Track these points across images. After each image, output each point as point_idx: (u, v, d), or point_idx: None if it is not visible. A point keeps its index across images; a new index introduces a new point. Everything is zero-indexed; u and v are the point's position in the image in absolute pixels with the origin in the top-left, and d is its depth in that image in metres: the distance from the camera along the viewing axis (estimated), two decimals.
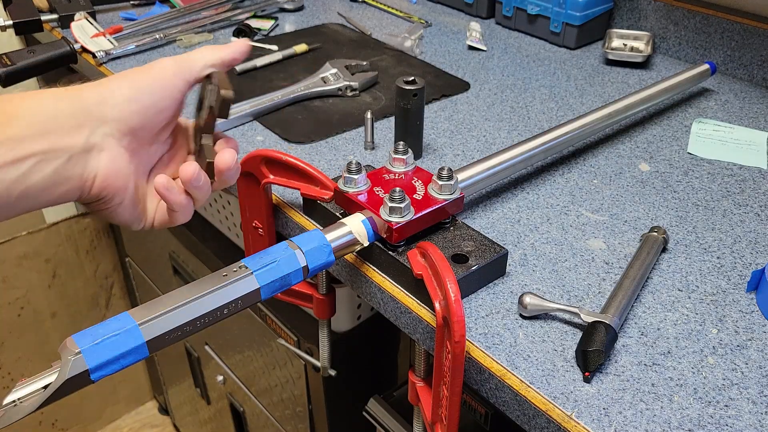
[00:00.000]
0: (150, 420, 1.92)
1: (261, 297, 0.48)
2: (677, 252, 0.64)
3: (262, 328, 1.03)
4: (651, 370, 0.51)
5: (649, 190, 0.74)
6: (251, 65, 1.00)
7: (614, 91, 0.96)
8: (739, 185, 0.75)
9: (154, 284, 1.47)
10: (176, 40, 1.09)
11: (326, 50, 1.08)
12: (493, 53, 1.09)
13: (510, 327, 0.55)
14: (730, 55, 1.01)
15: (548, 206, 0.70)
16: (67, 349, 0.41)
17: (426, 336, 0.56)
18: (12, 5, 1.10)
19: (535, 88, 0.97)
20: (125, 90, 0.46)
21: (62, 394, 0.40)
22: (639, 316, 0.56)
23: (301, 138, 0.82)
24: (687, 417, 0.47)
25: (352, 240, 0.56)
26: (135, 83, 0.47)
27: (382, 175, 0.63)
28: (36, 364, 1.64)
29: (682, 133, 0.86)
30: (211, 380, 1.34)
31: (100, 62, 1.00)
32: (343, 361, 0.92)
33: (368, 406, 0.90)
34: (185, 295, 0.45)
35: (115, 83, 0.46)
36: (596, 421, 0.47)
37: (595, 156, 0.81)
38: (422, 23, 1.19)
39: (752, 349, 0.53)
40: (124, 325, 0.42)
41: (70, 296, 1.65)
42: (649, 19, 1.09)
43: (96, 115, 0.44)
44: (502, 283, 0.59)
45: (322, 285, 0.75)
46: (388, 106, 0.90)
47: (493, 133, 0.84)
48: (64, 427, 1.78)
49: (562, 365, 0.51)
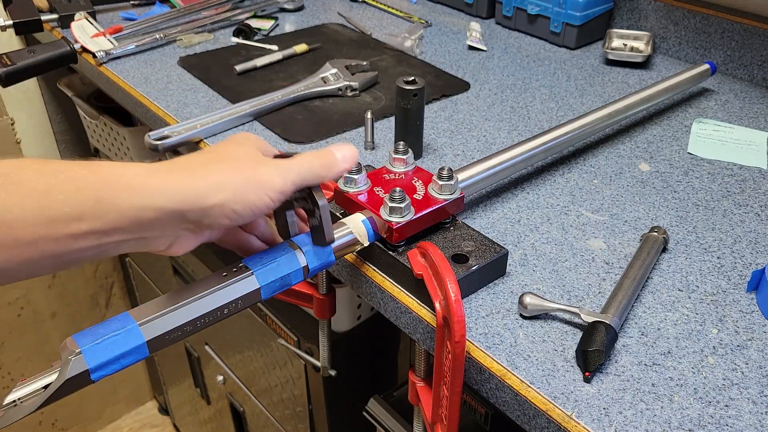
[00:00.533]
0: (150, 420, 1.92)
1: (261, 297, 0.48)
2: (677, 252, 0.64)
3: (262, 328, 1.03)
4: (651, 370, 0.51)
5: (649, 190, 0.74)
6: (251, 65, 1.00)
7: (614, 91, 0.96)
8: (739, 185, 0.75)
9: (154, 284, 1.47)
10: (176, 40, 1.09)
11: (326, 50, 1.08)
12: (493, 53, 1.09)
13: (510, 327, 0.55)
14: (730, 55, 1.01)
15: (548, 206, 0.70)
16: (68, 349, 0.41)
17: (426, 336, 0.56)
18: (12, 5, 1.10)
19: (535, 88, 0.97)
20: (227, 209, 0.43)
21: (62, 394, 0.40)
22: (639, 316, 0.56)
23: (301, 138, 0.82)
24: (687, 417, 0.47)
25: (353, 240, 0.56)
26: (238, 196, 0.43)
27: (382, 175, 0.63)
28: (36, 364, 1.64)
29: (682, 133, 0.86)
30: (211, 380, 1.34)
31: (100, 62, 1.00)
32: (343, 361, 0.92)
33: (368, 406, 0.90)
34: (185, 295, 0.45)
35: (221, 194, 0.42)
36: (596, 421, 0.47)
37: (595, 156, 0.81)
38: (422, 23, 1.19)
39: (752, 349, 0.53)
40: (124, 325, 0.42)
41: (70, 296, 1.65)
42: (649, 19, 1.09)
43: (191, 220, 0.43)
44: (502, 283, 0.59)
45: (322, 285, 0.75)
46: (388, 106, 0.90)
47: (493, 133, 0.84)
48: (64, 427, 1.78)
49: (562, 365, 0.51)
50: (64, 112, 1.50)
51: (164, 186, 0.41)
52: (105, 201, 0.39)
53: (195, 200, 0.42)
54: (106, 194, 0.39)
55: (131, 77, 0.97)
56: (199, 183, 0.42)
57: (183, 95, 0.93)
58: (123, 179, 0.40)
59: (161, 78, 0.97)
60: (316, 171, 0.48)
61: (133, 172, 0.41)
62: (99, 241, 0.39)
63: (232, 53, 1.06)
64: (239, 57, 1.04)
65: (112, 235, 0.40)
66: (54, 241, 0.38)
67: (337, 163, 0.49)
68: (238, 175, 0.44)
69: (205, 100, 0.92)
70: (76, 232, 0.38)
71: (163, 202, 0.40)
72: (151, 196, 0.40)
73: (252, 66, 1.00)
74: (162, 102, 0.90)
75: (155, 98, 0.91)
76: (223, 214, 0.43)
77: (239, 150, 0.46)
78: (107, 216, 0.39)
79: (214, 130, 0.83)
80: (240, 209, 0.43)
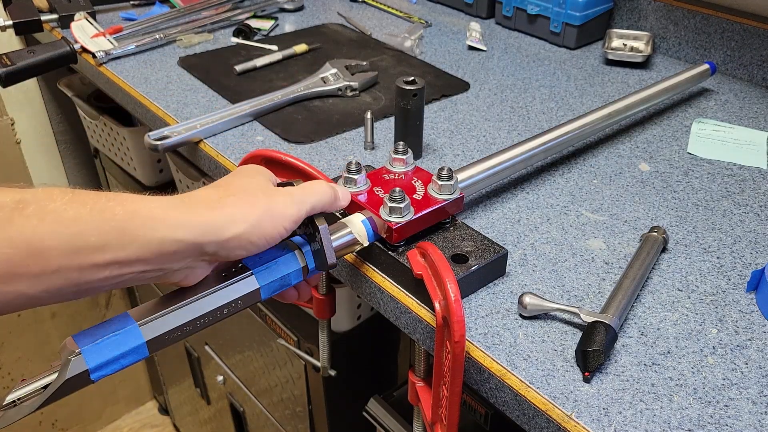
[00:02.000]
0: (150, 420, 1.92)
1: (261, 297, 0.48)
2: (677, 252, 0.64)
3: (262, 328, 1.03)
4: (651, 370, 0.51)
5: (649, 190, 0.74)
6: (251, 65, 1.00)
7: (614, 91, 0.96)
8: (739, 185, 0.75)
9: (154, 284, 1.47)
10: (176, 40, 1.09)
11: (326, 50, 1.08)
12: (493, 53, 1.09)
13: (510, 327, 0.55)
14: (730, 55, 1.01)
15: (548, 206, 0.70)
16: (67, 349, 0.41)
17: (426, 336, 0.56)
18: (12, 5, 1.10)
19: (535, 88, 0.97)
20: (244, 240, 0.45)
21: (62, 394, 0.40)
22: (639, 316, 0.56)
23: (301, 138, 0.82)
24: (687, 417, 0.47)
25: (352, 240, 0.56)
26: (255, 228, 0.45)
27: (382, 175, 0.63)
28: (36, 364, 1.64)
29: (682, 133, 0.86)
30: (211, 380, 1.34)
31: (100, 62, 1.00)
32: (343, 361, 0.92)
33: (368, 406, 0.90)
34: (185, 295, 0.45)
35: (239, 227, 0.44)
36: (596, 421, 0.47)
37: (595, 156, 0.81)
38: (422, 23, 1.19)
39: (752, 349, 0.53)
40: (124, 325, 0.42)
41: None
42: (649, 19, 1.09)
43: (209, 252, 0.44)
44: (502, 283, 0.59)
45: (322, 285, 0.75)
46: (388, 106, 0.90)
47: (493, 133, 0.84)
48: (64, 427, 1.78)
49: (562, 365, 0.51)
50: (64, 112, 1.50)
51: (185, 219, 0.43)
52: (129, 232, 0.40)
53: (214, 233, 0.43)
54: (130, 225, 0.40)
55: (131, 77, 0.97)
56: (216, 216, 0.44)
57: (183, 95, 0.93)
58: (146, 211, 0.41)
59: (161, 78, 0.97)
60: (324, 202, 0.51)
61: (156, 204, 0.42)
62: (121, 271, 0.41)
63: (232, 53, 1.06)
64: (239, 57, 1.04)
65: (134, 266, 0.41)
66: (78, 270, 0.39)
67: (339, 200, 0.54)
68: (255, 208, 0.46)
69: (205, 100, 0.92)
70: (100, 262, 0.39)
71: (183, 234, 0.42)
72: (172, 229, 0.42)
73: (252, 66, 1.00)
74: (162, 102, 0.90)
75: (155, 98, 0.91)
76: (239, 245, 0.45)
77: (252, 183, 0.49)
78: (131, 247, 0.40)
79: (213, 130, 0.83)
80: (256, 240, 0.46)
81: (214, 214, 0.44)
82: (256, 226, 0.45)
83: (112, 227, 0.40)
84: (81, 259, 0.39)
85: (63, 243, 0.38)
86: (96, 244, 0.39)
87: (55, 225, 0.38)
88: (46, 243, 0.37)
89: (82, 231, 0.39)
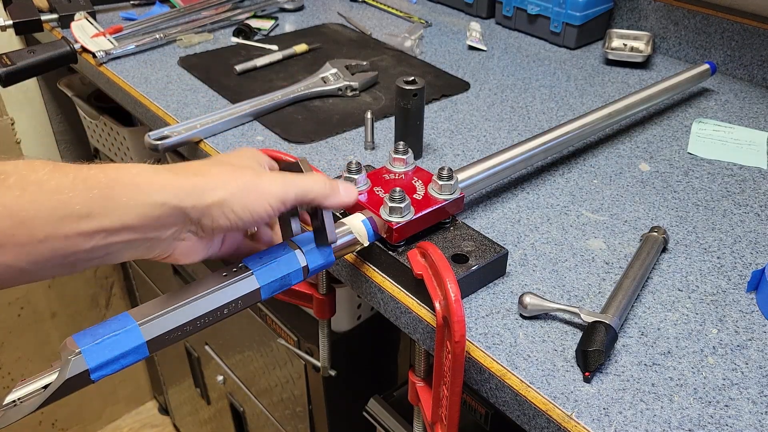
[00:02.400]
0: (150, 420, 1.92)
1: (261, 297, 0.48)
2: (677, 252, 0.64)
3: (262, 328, 1.03)
4: (651, 370, 0.51)
5: (649, 190, 0.74)
6: (251, 65, 1.00)
7: (614, 91, 0.96)
8: (739, 185, 0.75)
9: (154, 284, 1.47)
10: (176, 40, 1.09)
11: (326, 50, 1.08)
12: (493, 53, 1.09)
13: (510, 327, 0.55)
14: (730, 55, 1.01)
15: (548, 206, 0.70)
16: (67, 349, 0.41)
17: (426, 336, 0.56)
18: (12, 5, 1.10)
19: (535, 88, 0.97)
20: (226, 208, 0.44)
21: (62, 394, 0.40)
22: (639, 316, 0.56)
23: (301, 138, 0.82)
24: (687, 417, 0.47)
25: (352, 240, 0.56)
26: (237, 198, 0.45)
27: (382, 175, 0.63)
28: (36, 364, 1.64)
29: (682, 133, 0.86)
30: (211, 380, 1.34)
31: (100, 62, 1.00)
32: (343, 361, 0.92)
33: (368, 406, 0.90)
34: (185, 295, 0.45)
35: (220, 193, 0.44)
36: (596, 421, 0.47)
37: (595, 156, 0.81)
38: (422, 23, 1.19)
39: (752, 349, 0.53)
40: (124, 325, 0.42)
41: (70, 296, 1.65)
42: (649, 19, 1.09)
43: (193, 219, 0.44)
44: (502, 283, 0.59)
45: (322, 285, 0.75)
46: (388, 106, 0.90)
47: (493, 133, 0.84)
48: (64, 427, 1.78)
49: (562, 365, 0.51)
50: (64, 112, 1.50)
51: (167, 183, 0.43)
52: (113, 198, 0.40)
53: (196, 196, 0.43)
54: (114, 192, 0.40)
55: (131, 77, 0.97)
56: (199, 180, 0.44)
57: (183, 95, 0.93)
58: (129, 177, 0.41)
59: (161, 78, 0.97)
60: (318, 191, 0.49)
61: (138, 170, 0.42)
62: (107, 240, 0.41)
63: (232, 53, 1.06)
64: (239, 57, 1.04)
65: (120, 234, 0.41)
66: (65, 239, 0.39)
67: (340, 195, 0.51)
68: (238, 179, 0.46)
69: (205, 100, 0.92)
70: (86, 230, 0.39)
71: (165, 197, 0.42)
72: (155, 193, 0.42)
73: (252, 66, 1.00)
74: (162, 102, 0.90)
75: (155, 98, 0.91)
76: (222, 213, 0.44)
77: (241, 159, 0.49)
78: (115, 213, 0.40)
79: (214, 130, 0.83)
80: (239, 211, 0.45)
81: (196, 179, 0.44)
82: (238, 196, 0.45)
83: (96, 194, 0.40)
84: (66, 228, 0.39)
85: (47, 212, 0.38)
86: (81, 212, 0.39)
87: (37, 195, 0.38)
88: (30, 213, 0.37)
89: (65, 200, 0.39)
